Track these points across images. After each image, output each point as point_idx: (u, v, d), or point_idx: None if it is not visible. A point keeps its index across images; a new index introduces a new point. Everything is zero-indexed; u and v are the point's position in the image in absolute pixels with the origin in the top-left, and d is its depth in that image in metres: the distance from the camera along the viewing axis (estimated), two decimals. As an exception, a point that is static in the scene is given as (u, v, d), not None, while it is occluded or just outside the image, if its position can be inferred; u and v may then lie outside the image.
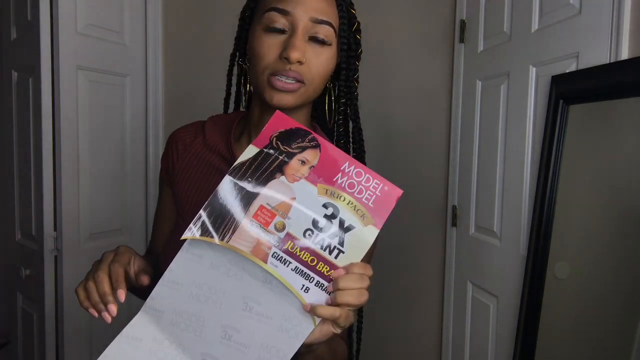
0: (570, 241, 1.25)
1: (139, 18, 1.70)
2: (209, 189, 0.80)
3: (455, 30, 1.86)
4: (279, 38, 0.72)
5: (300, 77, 0.72)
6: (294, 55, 0.69)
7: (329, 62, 0.75)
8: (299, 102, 0.75)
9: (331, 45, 0.75)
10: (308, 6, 0.71)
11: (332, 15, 0.74)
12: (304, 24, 0.71)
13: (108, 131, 1.60)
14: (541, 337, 1.30)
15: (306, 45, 0.72)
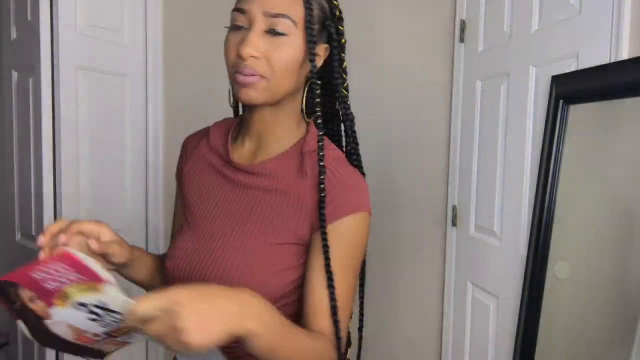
0: (570, 241, 1.25)
1: (139, 18, 1.70)
2: (208, 188, 0.83)
3: (455, 30, 1.86)
4: (239, 36, 0.75)
5: (257, 71, 0.73)
6: (244, 50, 0.72)
7: (290, 53, 0.74)
8: (266, 97, 0.75)
9: (290, 37, 0.74)
10: (262, 2, 0.73)
11: (291, 7, 0.73)
12: (259, 19, 0.73)
13: (108, 131, 1.60)
14: (541, 337, 1.30)
15: (263, 40, 0.73)
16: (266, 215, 0.77)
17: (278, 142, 0.82)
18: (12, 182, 1.66)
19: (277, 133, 0.81)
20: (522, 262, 1.41)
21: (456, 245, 1.87)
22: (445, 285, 1.93)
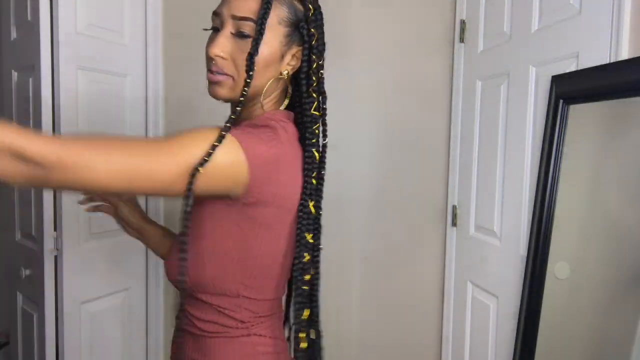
0: (570, 241, 1.25)
1: (139, 18, 1.70)
2: None
3: (455, 30, 1.86)
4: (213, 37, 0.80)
5: (223, 70, 0.78)
6: (211, 51, 0.77)
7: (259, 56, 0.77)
8: (233, 94, 0.80)
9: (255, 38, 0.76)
10: (230, 5, 0.78)
11: (257, 11, 0.76)
12: (228, 22, 0.78)
13: (108, 131, 1.60)
14: (541, 337, 1.30)
15: (230, 42, 0.78)
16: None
17: None
18: (12, 182, 1.67)
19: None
20: (522, 262, 1.41)
21: (456, 245, 1.87)
22: (445, 285, 1.93)
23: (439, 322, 1.98)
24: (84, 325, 1.56)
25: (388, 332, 1.96)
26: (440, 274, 1.97)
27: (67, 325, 1.50)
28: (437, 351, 1.99)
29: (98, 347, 1.61)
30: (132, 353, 1.75)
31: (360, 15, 1.86)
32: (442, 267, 1.96)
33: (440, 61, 1.90)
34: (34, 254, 1.52)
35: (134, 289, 1.74)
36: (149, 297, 1.80)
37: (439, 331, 1.98)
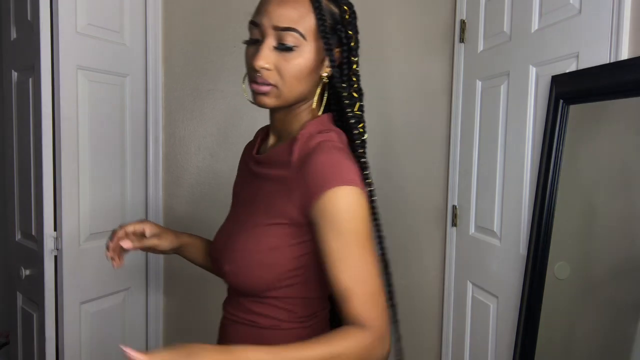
0: (570, 241, 1.25)
1: (139, 18, 1.70)
2: (241, 182, 0.99)
3: (455, 30, 1.86)
4: (254, 48, 0.80)
5: (268, 81, 0.79)
6: (257, 63, 0.77)
7: (299, 64, 0.79)
8: (279, 102, 0.82)
9: (299, 48, 0.78)
10: (271, 16, 0.77)
11: (299, 20, 0.78)
12: (270, 33, 0.78)
13: (108, 131, 1.60)
14: (541, 337, 1.30)
15: (274, 53, 0.78)
16: (262, 200, 0.84)
17: (290, 135, 0.87)
18: (12, 182, 1.66)
19: (291, 128, 0.87)
20: (522, 262, 1.41)
21: (456, 245, 1.87)
22: (445, 285, 1.93)
23: (439, 322, 1.98)
24: (84, 325, 1.56)
25: (388, 332, 1.96)
26: (440, 274, 1.97)
27: (67, 325, 1.50)
28: (437, 351, 1.99)
29: (98, 347, 1.61)
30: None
31: (360, 15, 1.86)
32: (442, 267, 1.96)
33: (440, 61, 1.90)
34: (34, 254, 1.52)
35: (134, 289, 1.74)
36: (149, 297, 1.80)
37: (439, 331, 1.98)
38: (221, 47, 1.80)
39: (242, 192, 0.94)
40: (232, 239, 0.85)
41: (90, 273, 1.56)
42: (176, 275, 1.84)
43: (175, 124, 1.82)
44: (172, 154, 1.82)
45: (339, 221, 0.73)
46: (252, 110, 1.85)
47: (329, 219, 0.74)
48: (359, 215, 0.75)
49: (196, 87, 1.82)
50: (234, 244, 0.84)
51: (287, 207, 0.79)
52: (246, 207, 0.89)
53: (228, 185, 1.84)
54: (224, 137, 1.83)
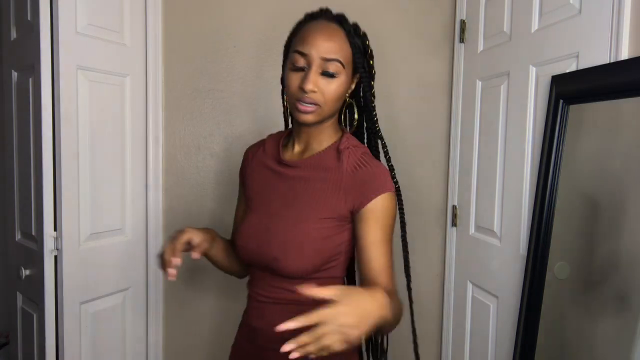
0: (570, 241, 1.25)
1: (139, 18, 1.70)
2: (265, 183, 1.08)
3: (455, 30, 1.86)
4: (300, 74, 0.97)
5: (315, 101, 0.96)
6: (307, 87, 0.94)
7: (339, 88, 0.98)
8: (318, 119, 0.99)
9: (340, 75, 0.98)
10: (320, 48, 0.95)
11: (341, 52, 0.97)
12: (317, 62, 0.95)
13: (108, 131, 1.60)
14: (541, 337, 1.30)
15: (319, 78, 0.96)
16: (312, 197, 1.00)
17: (320, 144, 1.05)
18: (12, 182, 1.66)
19: (320, 138, 1.05)
20: (522, 262, 1.41)
21: (456, 245, 1.87)
22: (445, 285, 1.93)
23: (439, 322, 1.98)
24: (84, 325, 1.56)
25: (388, 332, 1.96)
26: (440, 274, 1.97)
27: (67, 325, 1.50)
28: (437, 351, 1.99)
29: (98, 347, 1.61)
30: (132, 353, 1.75)
31: (360, 16, 1.86)
32: (442, 267, 1.96)
33: (440, 61, 1.90)
34: (34, 254, 1.52)
35: (134, 289, 1.74)
36: (149, 297, 1.80)
37: (439, 331, 1.98)
38: (221, 47, 1.81)
39: (270, 191, 1.07)
40: (281, 231, 1.00)
41: (90, 273, 1.56)
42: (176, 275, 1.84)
43: (175, 124, 1.81)
44: (172, 154, 1.82)
45: (383, 218, 0.97)
46: (251, 110, 1.86)
47: (376, 216, 0.97)
48: (393, 215, 1.00)
49: (196, 87, 1.82)
50: (286, 235, 0.99)
51: (339, 204, 0.99)
52: (286, 204, 1.03)
53: (228, 185, 1.85)
54: (224, 137, 1.83)
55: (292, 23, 1.82)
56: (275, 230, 1.00)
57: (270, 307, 1.04)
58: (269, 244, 1.00)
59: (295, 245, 0.97)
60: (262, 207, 1.07)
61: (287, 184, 1.04)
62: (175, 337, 1.87)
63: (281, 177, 1.06)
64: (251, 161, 1.15)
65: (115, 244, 1.65)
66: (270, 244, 1.00)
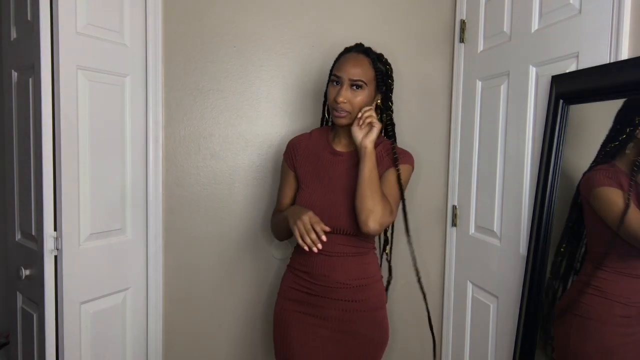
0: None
1: (139, 18, 1.70)
2: (321, 167, 1.46)
3: (455, 30, 1.86)
4: (336, 88, 1.38)
5: (346, 110, 1.37)
6: (339, 99, 1.36)
7: (363, 100, 1.38)
8: (349, 122, 1.39)
9: (364, 89, 1.37)
10: (349, 72, 1.36)
11: (363, 74, 1.37)
12: (347, 81, 1.37)
13: (108, 131, 1.60)
14: (541, 337, 1.30)
15: (349, 92, 1.37)
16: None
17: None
18: (12, 182, 1.66)
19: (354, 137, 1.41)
20: (522, 262, 1.41)
21: (456, 245, 1.87)
22: (445, 285, 1.93)
23: (439, 322, 1.98)
24: (84, 325, 1.56)
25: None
26: (440, 274, 1.97)
27: (67, 325, 1.50)
28: (438, 351, 1.99)
29: (98, 347, 1.61)
30: (132, 353, 1.75)
31: (360, 15, 1.86)
32: (442, 267, 1.96)
33: (440, 61, 1.90)
34: (34, 254, 1.52)
35: (134, 289, 1.74)
36: (149, 297, 1.80)
37: (439, 331, 1.98)
38: (221, 47, 1.81)
39: (328, 173, 1.44)
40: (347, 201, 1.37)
41: (90, 273, 1.56)
42: (176, 275, 1.84)
43: (175, 124, 1.82)
44: (172, 154, 1.82)
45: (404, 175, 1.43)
46: (251, 110, 1.86)
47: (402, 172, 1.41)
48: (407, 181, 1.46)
49: (196, 87, 1.82)
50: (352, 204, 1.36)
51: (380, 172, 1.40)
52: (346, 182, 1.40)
53: (228, 185, 1.85)
54: (224, 137, 1.83)
55: (292, 22, 1.85)
56: (343, 203, 1.38)
57: (341, 258, 1.40)
58: (339, 214, 1.37)
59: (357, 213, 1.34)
60: (322, 185, 1.43)
61: (342, 168, 1.43)
62: (175, 337, 1.87)
63: (336, 163, 1.44)
64: (302, 150, 1.50)
65: (115, 244, 1.65)
66: (340, 214, 1.37)
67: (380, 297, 1.47)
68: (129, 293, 1.73)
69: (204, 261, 1.86)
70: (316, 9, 1.83)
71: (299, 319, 1.43)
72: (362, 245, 1.43)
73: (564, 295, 1.19)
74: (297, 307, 1.44)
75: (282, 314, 1.47)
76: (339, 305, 1.40)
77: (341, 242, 1.40)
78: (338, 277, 1.40)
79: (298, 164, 1.49)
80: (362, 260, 1.43)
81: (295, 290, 1.46)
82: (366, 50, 1.44)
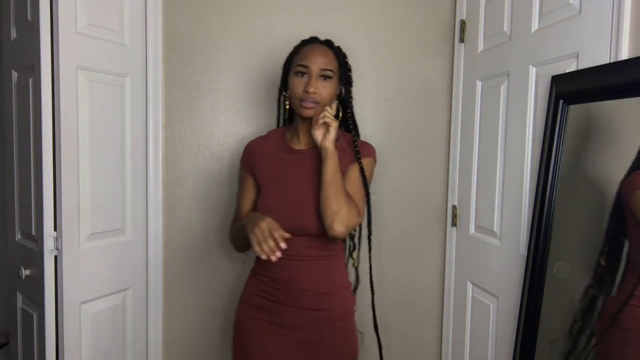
0: (570, 241, 1.25)
1: (139, 18, 1.70)
2: (280, 168, 1.38)
3: (455, 30, 1.86)
4: (303, 80, 1.32)
5: (316, 100, 1.31)
6: (310, 89, 1.30)
7: (331, 90, 1.34)
8: (317, 113, 1.32)
9: (332, 80, 1.34)
10: (318, 62, 1.31)
11: (332, 64, 1.34)
12: (316, 72, 1.31)
13: (108, 131, 1.60)
14: (541, 337, 1.30)
15: (318, 82, 1.31)
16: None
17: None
18: (12, 182, 1.66)
19: None
20: (522, 262, 1.41)
21: (456, 245, 1.87)
22: (445, 285, 1.93)
23: (439, 322, 1.98)
24: (84, 325, 1.56)
25: (388, 331, 1.96)
26: (440, 274, 1.97)
27: (67, 325, 1.50)
28: (437, 351, 1.99)
29: (98, 347, 1.61)
30: (132, 353, 1.75)
31: (360, 15, 1.86)
32: (442, 267, 1.96)
33: (440, 61, 1.90)
34: (34, 254, 1.52)
35: (134, 289, 1.74)
36: (149, 297, 1.80)
37: (439, 331, 1.98)
38: (221, 47, 1.81)
39: (288, 174, 1.37)
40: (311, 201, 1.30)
41: (90, 273, 1.56)
42: (176, 275, 1.84)
43: (175, 124, 1.82)
44: (172, 154, 1.82)
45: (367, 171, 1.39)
46: (251, 110, 1.86)
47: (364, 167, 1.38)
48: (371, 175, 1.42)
49: (196, 87, 1.82)
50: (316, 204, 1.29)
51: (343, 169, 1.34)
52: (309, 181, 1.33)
53: (228, 185, 1.85)
54: (224, 137, 1.83)
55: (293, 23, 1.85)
56: (307, 204, 1.31)
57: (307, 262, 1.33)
58: (303, 215, 1.30)
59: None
60: (283, 186, 1.36)
61: (303, 166, 1.36)
62: (175, 337, 1.87)
63: (297, 162, 1.38)
64: (259, 153, 1.43)
65: (115, 244, 1.65)
66: (304, 214, 1.30)
67: (347, 306, 1.39)
68: (129, 293, 1.73)
69: (204, 261, 1.86)
70: (316, 9, 1.83)
71: (261, 327, 1.35)
72: (330, 248, 1.36)
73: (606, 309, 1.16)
74: (259, 314, 1.37)
75: (242, 320, 1.39)
76: (303, 314, 1.32)
77: (307, 244, 1.33)
78: (303, 283, 1.32)
79: (256, 168, 1.42)
80: (329, 265, 1.36)
81: (257, 297, 1.38)
82: (328, 42, 1.40)
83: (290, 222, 1.29)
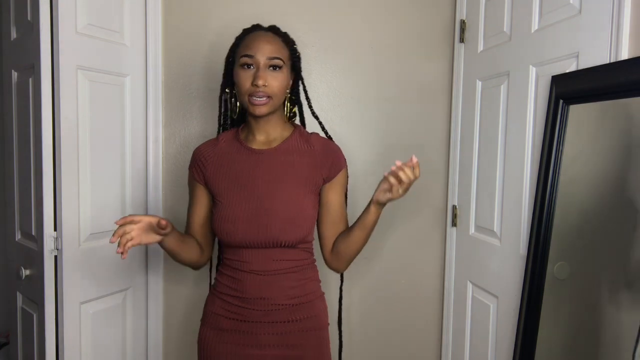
0: (570, 241, 1.25)
1: (139, 18, 1.70)
2: (238, 171, 1.22)
3: (455, 30, 1.86)
4: (250, 72, 1.16)
5: (267, 94, 1.16)
6: (259, 82, 1.14)
7: (283, 81, 1.19)
8: (270, 109, 1.19)
9: (282, 70, 1.18)
10: (265, 50, 1.16)
11: (281, 51, 1.19)
12: (263, 61, 1.16)
13: (108, 131, 1.60)
14: (541, 337, 1.30)
15: (267, 74, 1.16)
16: (298, 176, 1.21)
17: (281, 132, 1.26)
18: (12, 182, 1.66)
19: (277, 127, 1.26)
20: (522, 262, 1.41)
21: (456, 245, 1.87)
22: (445, 285, 1.93)
23: (439, 322, 1.98)
24: (84, 325, 1.56)
25: (388, 331, 1.96)
26: (440, 274, 1.97)
27: (67, 325, 1.50)
28: (437, 351, 1.99)
29: (98, 347, 1.61)
30: (132, 353, 1.75)
31: (360, 15, 1.86)
32: (442, 267, 1.96)
33: (440, 61, 1.90)
34: (34, 254, 1.52)
35: (134, 289, 1.74)
36: (149, 297, 1.80)
37: (439, 331, 1.98)
38: (221, 47, 1.80)
39: (249, 178, 1.21)
40: (281, 210, 1.17)
41: (90, 273, 1.56)
42: (176, 275, 1.84)
43: (175, 124, 1.82)
44: (172, 154, 1.82)
45: (344, 185, 1.29)
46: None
47: (342, 184, 1.27)
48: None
49: (196, 87, 1.82)
50: (286, 213, 1.17)
51: (316, 178, 1.23)
52: (272, 186, 1.19)
53: (228, 185, 1.84)
54: (224, 137, 1.83)
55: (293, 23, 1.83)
56: (275, 210, 1.17)
57: (279, 276, 1.21)
58: (271, 223, 1.17)
59: (297, 218, 1.19)
60: (245, 194, 1.20)
61: (266, 169, 1.21)
62: (175, 337, 1.87)
63: (258, 164, 1.22)
64: (211, 158, 1.26)
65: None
66: (273, 223, 1.17)
67: (322, 316, 1.28)
68: (129, 293, 1.73)
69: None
70: (316, 10, 1.83)
71: (231, 351, 1.22)
72: (302, 257, 1.24)
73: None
74: (227, 338, 1.23)
75: (208, 345, 1.27)
76: (275, 329, 1.21)
77: (277, 256, 1.20)
78: (274, 299, 1.20)
79: (209, 175, 1.24)
80: (301, 276, 1.24)
81: (223, 318, 1.25)
82: (273, 27, 1.25)
83: (257, 233, 1.17)
